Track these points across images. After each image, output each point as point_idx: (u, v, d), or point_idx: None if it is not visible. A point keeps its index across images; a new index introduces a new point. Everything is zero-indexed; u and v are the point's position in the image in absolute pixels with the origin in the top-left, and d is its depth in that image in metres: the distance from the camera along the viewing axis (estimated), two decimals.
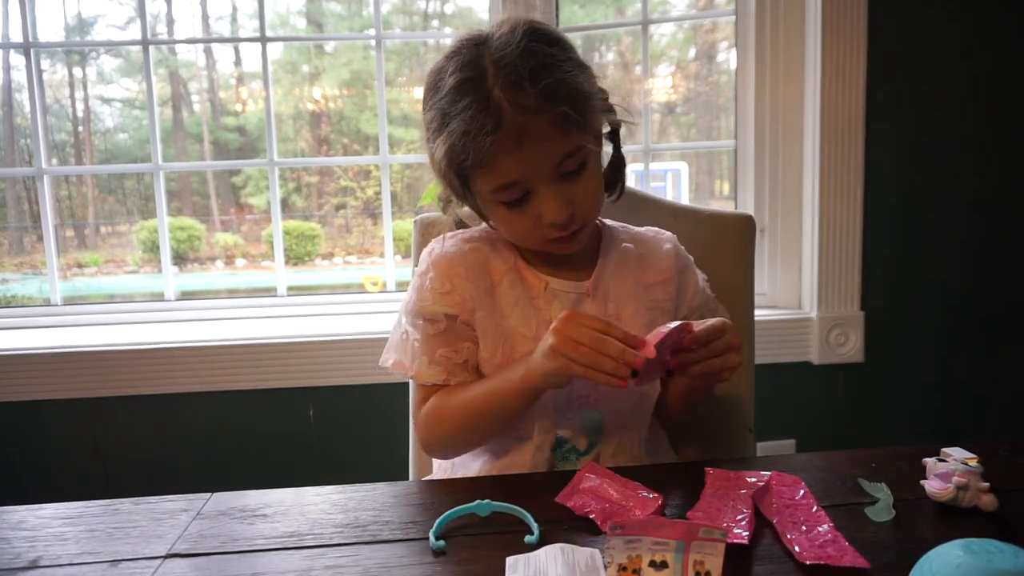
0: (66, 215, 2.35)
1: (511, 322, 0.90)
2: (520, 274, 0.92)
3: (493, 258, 0.92)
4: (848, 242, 1.73)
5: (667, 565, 0.56)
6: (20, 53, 1.87)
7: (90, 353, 1.67)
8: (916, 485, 0.74)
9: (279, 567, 0.64)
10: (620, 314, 0.92)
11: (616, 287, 0.94)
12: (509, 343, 0.90)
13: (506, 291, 0.91)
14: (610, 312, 0.92)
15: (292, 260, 2.55)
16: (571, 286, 0.92)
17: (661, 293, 0.95)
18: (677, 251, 0.99)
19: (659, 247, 0.98)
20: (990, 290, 1.78)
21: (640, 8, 1.84)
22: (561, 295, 0.91)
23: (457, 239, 0.94)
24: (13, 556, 0.67)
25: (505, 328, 0.90)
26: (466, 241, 0.94)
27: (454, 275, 0.90)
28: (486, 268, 0.92)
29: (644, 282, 0.95)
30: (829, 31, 1.66)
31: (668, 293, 0.96)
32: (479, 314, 0.90)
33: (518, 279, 0.92)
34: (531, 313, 0.90)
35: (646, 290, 0.95)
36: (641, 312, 0.93)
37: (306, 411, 1.73)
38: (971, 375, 1.81)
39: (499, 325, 0.90)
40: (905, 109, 1.71)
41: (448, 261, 0.91)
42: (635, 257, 0.96)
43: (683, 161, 3.00)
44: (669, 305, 0.96)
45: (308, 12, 2.28)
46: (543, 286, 0.91)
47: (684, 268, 0.98)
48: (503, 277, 0.92)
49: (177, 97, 2.36)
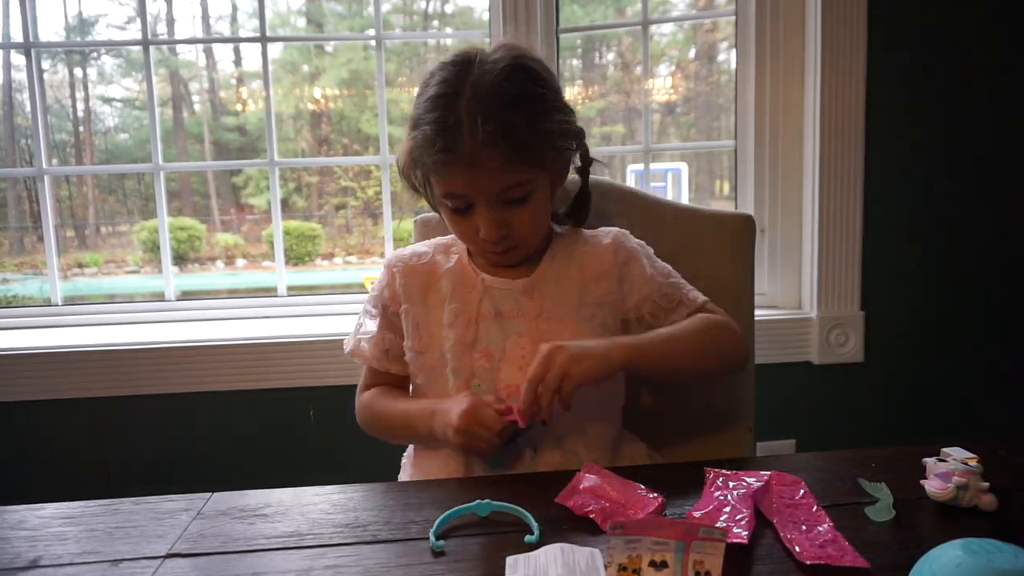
0: (66, 215, 2.35)
1: (440, 313, 0.98)
2: (462, 273, 1.00)
3: (439, 260, 1.02)
4: (848, 242, 1.73)
5: (667, 565, 0.56)
6: (20, 53, 1.87)
7: (90, 353, 1.67)
8: (916, 485, 0.74)
9: (279, 567, 0.64)
10: (557, 312, 0.97)
11: (555, 287, 0.98)
12: (427, 332, 0.98)
13: (442, 287, 0.99)
14: (545, 309, 0.97)
15: (292, 260, 2.55)
16: (505, 283, 0.98)
17: (600, 289, 0.98)
18: (617, 244, 1.01)
19: (599, 243, 1.01)
20: (990, 290, 1.78)
21: (640, 8, 1.84)
22: (494, 291, 0.98)
23: (413, 246, 1.06)
24: (13, 556, 0.67)
25: (430, 319, 0.98)
26: (422, 246, 1.05)
27: (395, 270, 1.01)
28: (428, 268, 1.01)
29: (583, 279, 0.98)
30: (829, 31, 1.66)
31: (609, 287, 0.98)
32: (405, 306, 1.00)
33: (456, 276, 0.99)
34: (459, 306, 0.97)
35: (584, 287, 0.98)
36: (576, 310, 0.97)
37: (306, 411, 1.73)
38: (971, 375, 1.80)
39: (426, 316, 0.99)
40: (905, 109, 1.71)
41: (395, 259, 1.03)
42: (577, 256, 1.00)
43: (683, 161, 3.00)
44: (610, 298, 0.98)
45: (308, 12, 2.28)
46: (479, 283, 0.98)
47: (627, 259, 1.00)
48: (442, 276, 1.00)
49: (177, 97, 2.36)
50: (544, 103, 0.90)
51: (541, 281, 0.98)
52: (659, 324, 0.99)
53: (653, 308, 0.99)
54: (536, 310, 0.97)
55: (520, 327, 0.96)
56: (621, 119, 2.33)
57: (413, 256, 1.03)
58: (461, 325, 0.96)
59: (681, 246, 1.09)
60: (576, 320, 0.96)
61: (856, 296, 1.74)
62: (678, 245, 1.09)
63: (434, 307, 0.99)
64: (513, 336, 0.96)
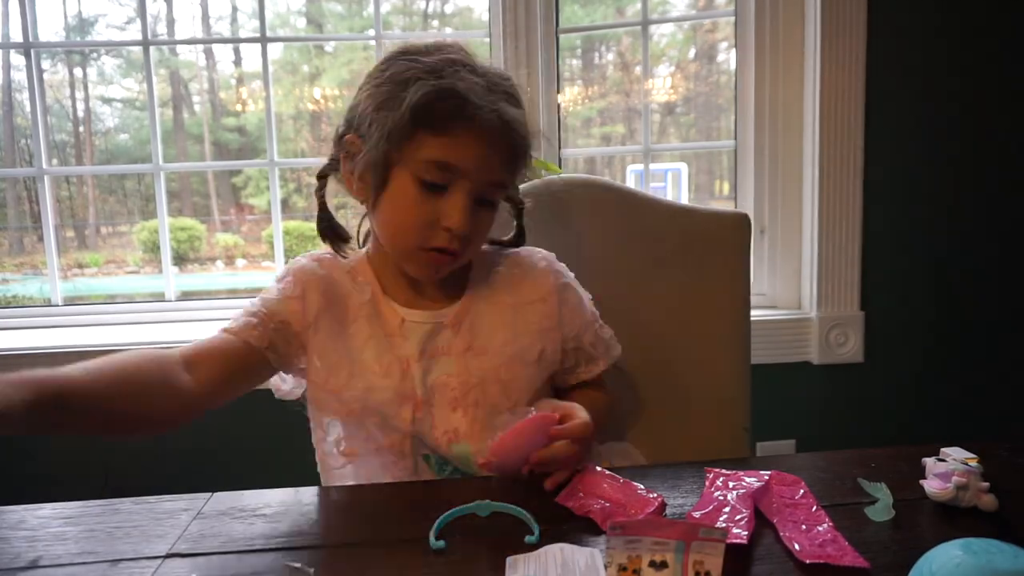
0: (66, 215, 2.35)
1: (363, 355, 0.87)
2: (376, 308, 0.89)
3: (353, 292, 0.90)
4: (848, 242, 1.73)
5: (667, 565, 0.56)
6: (20, 53, 1.87)
7: (90, 353, 1.65)
8: (916, 485, 0.74)
9: (279, 567, 0.64)
10: (488, 345, 0.88)
11: (485, 315, 0.90)
12: (349, 371, 0.87)
13: (362, 326, 0.88)
14: (477, 344, 0.88)
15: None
16: (428, 316, 0.89)
17: (537, 314, 0.91)
18: (552, 267, 0.94)
19: (533, 265, 0.94)
20: (990, 290, 1.78)
21: (640, 8, 1.84)
22: (416, 329, 0.88)
23: (324, 261, 0.92)
24: (13, 556, 0.67)
25: (353, 358, 0.87)
26: (329, 266, 0.92)
27: (309, 287, 0.89)
28: (343, 297, 0.90)
29: (517, 304, 0.91)
30: (829, 31, 1.66)
31: (547, 312, 0.91)
32: (317, 336, 0.87)
33: (374, 313, 0.89)
34: (384, 348, 0.87)
35: (518, 313, 0.90)
36: (512, 340, 0.89)
37: (306, 411, 1.73)
38: (971, 375, 1.80)
39: (345, 353, 0.87)
40: (905, 109, 1.71)
41: (308, 274, 0.90)
42: (507, 280, 0.92)
43: (683, 161, 3.00)
44: (547, 324, 0.91)
45: (308, 12, 2.28)
46: (399, 321, 0.88)
47: (565, 285, 0.94)
48: (359, 312, 0.89)
49: (177, 97, 2.36)
50: None
51: (468, 311, 0.90)
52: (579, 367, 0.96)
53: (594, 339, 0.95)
54: (464, 345, 0.88)
55: (446, 366, 0.88)
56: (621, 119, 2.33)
57: (326, 278, 0.90)
58: (396, 374, 0.86)
59: (679, 245, 1.10)
60: (510, 352, 0.89)
61: (856, 296, 1.74)
62: (676, 245, 1.10)
63: (356, 348, 0.87)
64: (441, 376, 0.87)
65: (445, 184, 0.81)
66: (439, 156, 0.80)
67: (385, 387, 0.86)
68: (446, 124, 0.79)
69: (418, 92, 0.78)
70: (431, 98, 0.78)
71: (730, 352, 1.10)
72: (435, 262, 0.85)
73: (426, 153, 0.80)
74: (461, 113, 0.78)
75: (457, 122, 0.79)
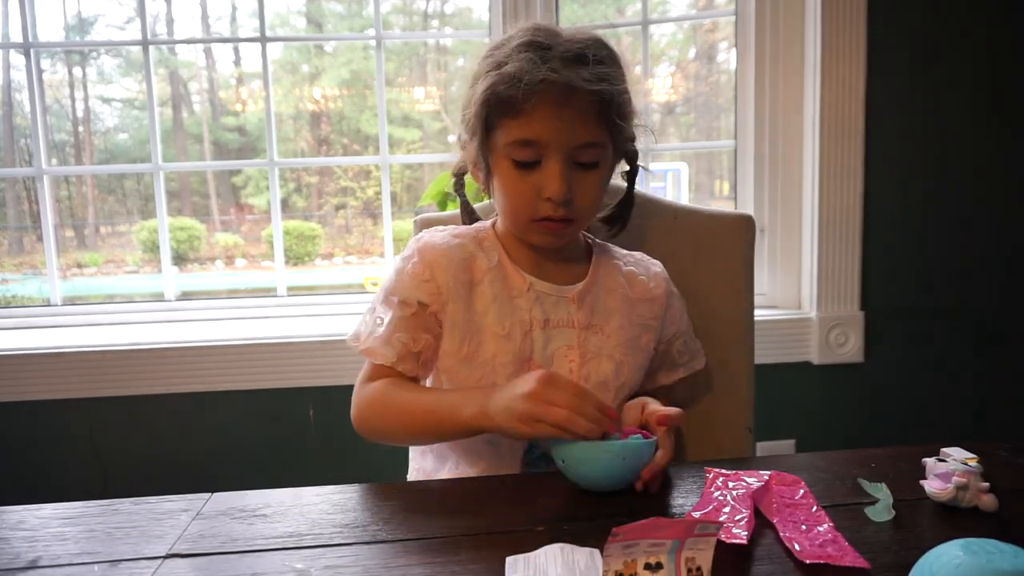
0: (66, 215, 2.35)
1: (486, 319, 0.90)
2: (503, 272, 0.92)
3: (478, 256, 0.93)
4: (848, 242, 1.73)
5: (662, 566, 0.55)
6: (20, 53, 1.87)
7: (90, 353, 1.67)
8: (916, 485, 0.74)
9: (279, 567, 0.64)
10: (605, 326, 0.93)
11: (604, 299, 0.94)
12: (477, 338, 0.90)
13: (485, 289, 0.91)
14: (595, 322, 0.93)
15: (292, 260, 2.54)
16: (555, 289, 0.93)
17: (648, 311, 0.96)
18: (665, 276, 1.00)
19: (649, 267, 1.00)
20: (990, 290, 1.78)
21: (640, 8, 1.84)
22: (544, 297, 0.92)
23: (447, 233, 0.95)
24: (13, 556, 0.67)
25: (477, 324, 0.90)
26: (455, 236, 0.94)
27: (436, 265, 0.90)
28: (469, 264, 0.92)
29: (630, 298, 0.95)
30: (829, 31, 1.66)
31: (654, 312, 0.97)
32: (451, 307, 0.90)
33: (499, 277, 0.92)
34: (507, 312, 0.90)
35: (633, 306, 0.95)
36: (626, 326, 0.94)
37: (306, 411, 1.73)
38: (971, 375, 1.80)
39: (471, 320, 0.90)
40: (905, 109, 1.71)
41: (433, 250, 0.91)
42: (625, 274, 0.97)
43: (683, 161, 3.00)
44: (654, 324, 0.97)
45: (308, 12, 2.28)
46: (526, 286, 0.92)
47: (671, 293, 0.99)
48: (484, 276, 0.92)
49: (177, 97, 2.36)
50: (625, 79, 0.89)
51: (589, 291, 0.94)
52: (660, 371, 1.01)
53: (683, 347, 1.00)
54: (585, 320, 0.93)
55: (568, 337, 0.92)
56: None
57: (452, 248, 0.92)
58: (518, 337, 0.89)
59: (681, 246, 1.09)
60: (622, 337, 0.93)
61: (856, 296, 1.74)
62: (678, 245, 1.09)
63: (480, 312, 0.90)
64: (562, 347, 0.91)
65: (537, 159, 0.86)
66: (518, 136, 0.85)
67: (506, 350, 0.89)
68: (515, 106, 0.83)
69: (483, 87, 0.85)
70: (494, 89, 0.84)
71: (734, 353, 1.10)
72: (550, 230, 0.89)
73: (507, 136, 0.86)
74: (523, 91, 0.82)
75: (524, 102, 0.83)
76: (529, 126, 0.84)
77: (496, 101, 0.84)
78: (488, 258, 0.93)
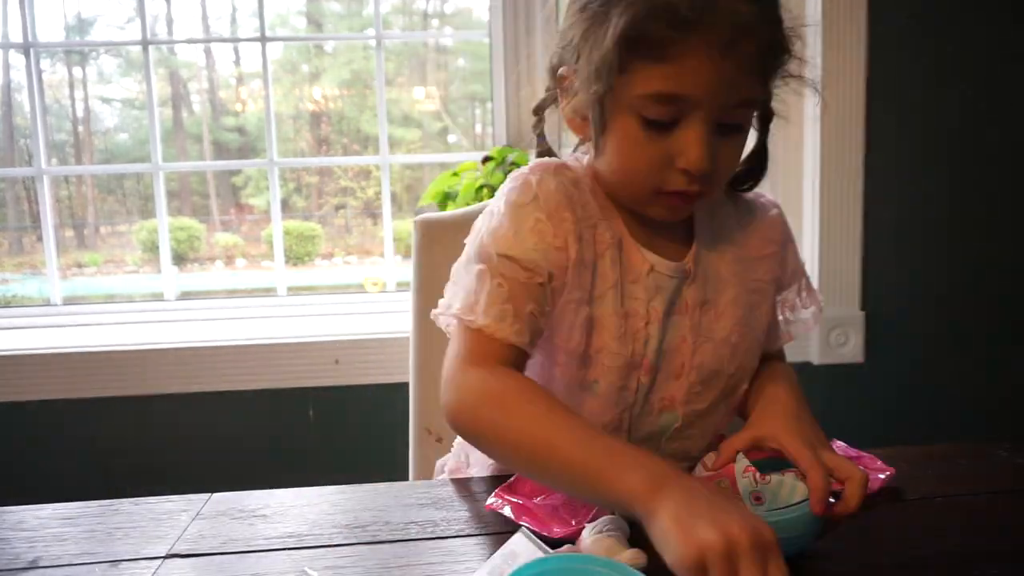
0: (66, 215, 2.35)
1: (602, 308, 0.73)
2: (624, 250, 0.74)
3: (601, 224, 0.74)
4: (848, 242, 1.73)
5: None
6: (20, 53, 1.87)
7: (90, 353, 1.67)
8: (917, 485, 0.74)
9: (279, 567, 0.64)
10: (718, 300, 0.77)
11: (715, 267, 0.77)
12: (587, 330, 0.73)
13: (606, 269, 0.73)
14: (709, 298, 0.77)
15: (292, 260, 2.54)
16: (674, 269, 0.75)
17: (764, 271, 0.80)
18: (783, 220, 0.84)
19: (765, 213, 0.82)
20: (990, 290, 1.78)
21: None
22: (664, 282, 0.74)
23: (566, 178, 0.74)
24: (13, 556, 0.67)
25: (590, 312, 0.73)
26: (576, 185, 0.74)
27: (568, 231, 0.71)
28: (593, 235, 0.73)
29: (746, 257, 0.79)
30: (829, 31, 1.66)
31: (771, 271, 0.81)
32: (570, 295, 0.72)
33: (619, 257, 0.74)
34: (622, 303, 0.73)
35: (748, 267, 0.79)
36: (742, 296, 0.78)
37: (306, 411, 1.73)
38: (971, 375, 1.80)
39: (586, 307, 0.73)
40: (905, 109, 1.71)
41: (561, 209, 0.71)
42: (737, 227, 0.80)
43: None
44: (770, 286, 0.81)
45: (308, 12, 2.28)
46: (647, 268, 0.74)
47: (787, 241, 0.84)
48: (606, 251, 0.73)
49: (177, 97, 2.35)
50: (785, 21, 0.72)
51: (701, 256, 0.76)
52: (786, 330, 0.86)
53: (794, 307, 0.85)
54: (697, 299, 0.76)
55: (682, 325, 0.76)
56: None
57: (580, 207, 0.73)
58: (631, 336, 0.73)
59: None
60: (737, 313, 0.77)
61: (856, 296, 1.74)
62: None
63: (596, 297, 0.73)
64: (677, 339, 0.75)
65: (676, 118, 0.67)
66: (660, 88, 0.65)
67: (616, 352, 0.73)
68: (663, 48, 0.64)
69: (623, 16, 0.64)
70: (639, 20, 0.63)
71: None
72: (676, 204, 0.72)
73: (644, 87, 0.66)
74: (680, 30, 0.63)
75: (676, 43, 0.63)
76: (677, 77, 0.65)
77: (635, 39, 0.64)
78: (611, 228, 0.74)
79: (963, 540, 0.65)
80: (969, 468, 0.80)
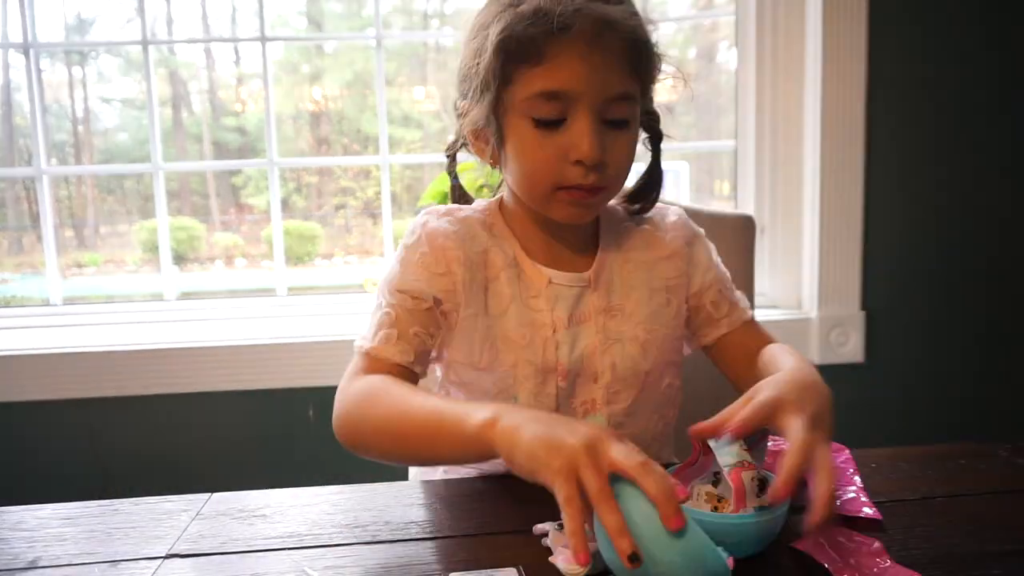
0: (65, 215, 2.35)
1: (503, 323, 0.80)
2: (520, 268, 0.82)
3: (492, 248, 0.82)
4: (848, 242, 1.73)
5: None
6: (20, 53, 1.87)
7: (90, 353, 1.67)
8: (917, 485, 0.74)
9: (279, 567, 0.64)
10: (624, 304, 0.84)
11: (619, 273, 0.85)
12: (495, 346, 0.80)
13: (502, 288, 0.81)
14: (613, 303, 0.84)
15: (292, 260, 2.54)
16: (573, 279, 0.83)
17: (670, 269, 0.86)
18: (684, 221, 0.90)
19: (664, 217, 0.89)
20: (990, 290, 1.78)
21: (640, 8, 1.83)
22: (563, 292, 0.82)
23: (454, 218, 0.83)
24: (12, 556, 0.67)
25: (494, 329, 0.80)
26: (462, 222, 0.83)
27: (451, 258, 0.80)
28: (484, 259, 0.82)
29: (651, 259, 0.86)
30: (829, 31, 1.66)
31: (677, 268, 0.87)
32: (465, 312, 0.80)
33: (516, 275, 0.82)
34: (527, 314, 0.81)
35: (651, 269, 0.86)
36: (647, 297, 0.84)
37: (306, 411, 1.73)
38: (971, 375, 1.80)
39: (488, 325, 0.80)
40: (906, 109, 1.71)
41: (445, 240, 0.80)
42: (638, 235, 0.87)
43: (683, 161, 3.00)
44: (680, 281, 0.87)
45: (308, 12, 2.28)
46: (545, 282, 0.82)
47: (692, 239, 0.89)
48: (500, 272, 0.81)
49: (177, 97, 2.35)
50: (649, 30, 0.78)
51: (603, 268, 0.84)
52: (719, 317, 0.88)
53: (717, 297, 0.88)
54: (601, 305, 0.83)
55: (588, 330, 0.82)
56: None
57: (466, 238, 0.81)
58: (539, 343, 0.80)
59: None
60: (646, 311, 0.83)
61: (856, 296, 1.74)
62: None
63: (496, 315, 0.80)
64: (588, 344, 0.82)
65: (562, 116, 0.74)
66: (542, 87, 0.73)
67: (528, 360, 0.79)
68: (539, 50, 0.72)
69: (499, 27, 0.72)
70: (512, 28, 0.72)
71: None
72: (579, 200, 0.77)
73: (528, 89, 0.73)
74: (549, 31, 0.70)
75: (548, 42, 0.71)
76: (555, 74, 0.72)
77: (515, 45, 0.72)
78: (503, 250, 0.82)
79: (963, 540, 0.65)
80: (969, 468, 0.80)
